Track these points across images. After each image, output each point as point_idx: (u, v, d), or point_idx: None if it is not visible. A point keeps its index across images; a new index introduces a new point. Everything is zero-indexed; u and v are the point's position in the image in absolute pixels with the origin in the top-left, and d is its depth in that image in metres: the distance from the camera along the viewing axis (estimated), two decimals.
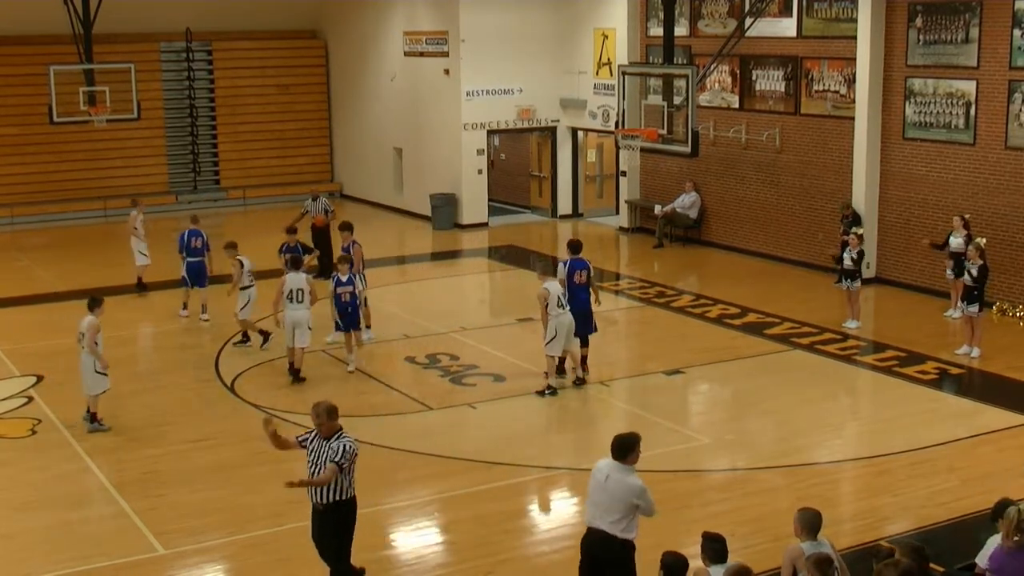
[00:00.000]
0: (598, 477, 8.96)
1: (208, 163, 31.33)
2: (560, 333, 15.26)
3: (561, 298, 15.30)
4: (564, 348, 15.44)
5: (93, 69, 24.28)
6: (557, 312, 15.20)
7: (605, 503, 8.87)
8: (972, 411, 14.94)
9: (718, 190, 24.50)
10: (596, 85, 26.97)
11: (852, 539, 10.88)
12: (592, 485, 9.01)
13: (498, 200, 28.92)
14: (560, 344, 15.34)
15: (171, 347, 18.19)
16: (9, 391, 15.86)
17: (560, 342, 15.32)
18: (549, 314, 15.19)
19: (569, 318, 15.33)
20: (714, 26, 24.07)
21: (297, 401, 15.33)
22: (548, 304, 15.14)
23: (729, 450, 13.64)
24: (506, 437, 13.96)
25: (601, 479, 8.92)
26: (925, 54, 20.02)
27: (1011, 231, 18.93)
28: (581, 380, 15.69)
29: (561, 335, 15.28)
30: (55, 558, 10.91)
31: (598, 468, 9.03)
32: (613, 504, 8.86)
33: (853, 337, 17.84)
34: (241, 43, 31.28)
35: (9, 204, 28.63)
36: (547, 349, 15.42)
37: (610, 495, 8.86)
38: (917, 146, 20.35)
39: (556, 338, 15.26)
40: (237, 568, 10.95)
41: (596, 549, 8.94)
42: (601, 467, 9.01)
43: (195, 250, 19.44)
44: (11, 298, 21.04)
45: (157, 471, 13.05)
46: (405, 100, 29.11)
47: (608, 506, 8.86)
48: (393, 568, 10.81)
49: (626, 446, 9.00)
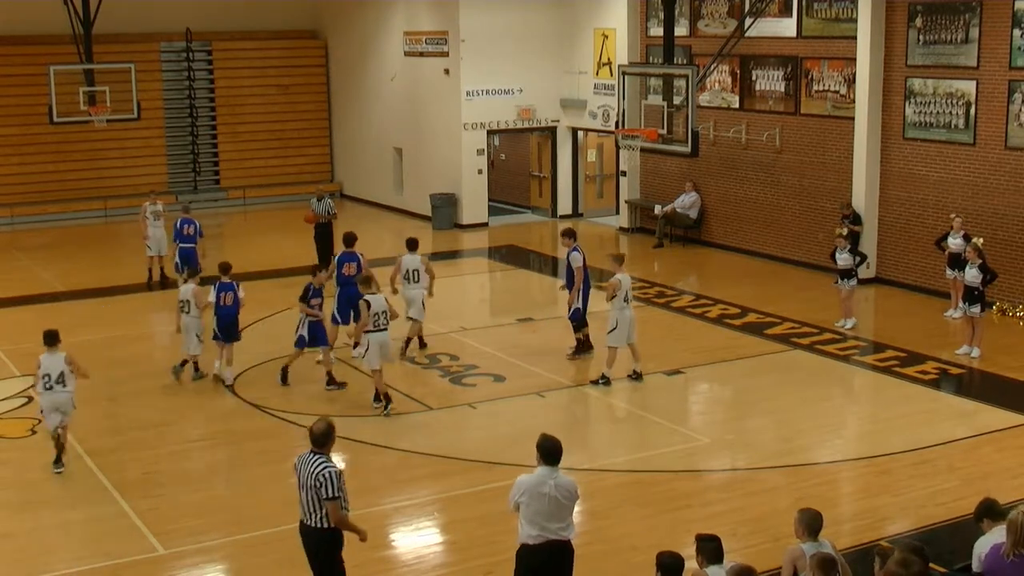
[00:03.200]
0: (542, 490, 8.63)
1: (208, 163, 31.33)
2: (622, 325, 15.38)
3: (628, 292, 15.47)
4: (627, 342, 15.56)
5: (93, 69, 24.30)
6: (622, 305, 15.34)
7: (555, 511, 8.69)
8: (972, 411, 14.95)
9: (718, 190, 24.50)
10: (596, 85, 26.97)
11: (852, 539, 10.88)
12: (535, 501, 8.64)
13: (498, 200, 28.92)
14: (622, 336, 15.46)
15: (171, 347, 18.16)
16: (9, 391, 15.87)
17: (622, 334, 15.43)
18: (614, 305, 15.32)
19: (631, 313, 15.52)
20: (714, 26, 24.07)
21: (299, 401, 15.35)
22: (616, 295, 15.29)
23: (729, 450, 13.64)
24: (506, 437, 13.95)
25: (545, 491, 8.64)
26: (925, 54, 20.02)
27: (1011, 231, 18.93)
28: (637, 375, 15.78)
29: (623, 327, 15.40)
30: (55, 558, 10.91)
31: (537, 483, 8.67)
32: (563, 510, 8.74)
33: (853, 337, 17.84)
34: (241, 43, 31.29)
35: (9, 204, 28.65)
36: (609, 340, 15.56)
37: (558, 503, 8.70)
38: (917, 146, 20.35)
39: (617, 329, 15.40)
40: (237, 568, 10.95)
41: (558, 558, 8.79)
42: (536, 481, 8.69)
43: (187, 237, 20.15)
44: (11, 298, 21.04)
45: (157, 471, 13.05)
46: (405, 100, 29.12)
47: (558, 513, 8.71)
48: (393, 568, 10.81)
49: (559, 450, 8.81)
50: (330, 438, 9.03)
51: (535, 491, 8.67)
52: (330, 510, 8.84)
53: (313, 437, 9.01)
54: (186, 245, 20.18)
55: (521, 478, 8.82)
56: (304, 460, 9.00)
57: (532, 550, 8.74)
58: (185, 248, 20.17)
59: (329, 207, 22.30)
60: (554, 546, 8.74)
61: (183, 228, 20.27)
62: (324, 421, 9.11)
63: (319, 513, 8.90)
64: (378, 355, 14.53)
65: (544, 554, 8.74)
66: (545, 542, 8.71)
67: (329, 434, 9.02)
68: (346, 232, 17.94)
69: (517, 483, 8.80)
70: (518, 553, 8.88)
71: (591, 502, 11.82)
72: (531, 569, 8.81)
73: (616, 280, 15.43)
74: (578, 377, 16.30)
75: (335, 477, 8.79)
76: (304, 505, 8.98)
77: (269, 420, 14.65)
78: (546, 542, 8.71)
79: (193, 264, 19.63)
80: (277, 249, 24.58)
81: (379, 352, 14.51)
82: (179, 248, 20.27)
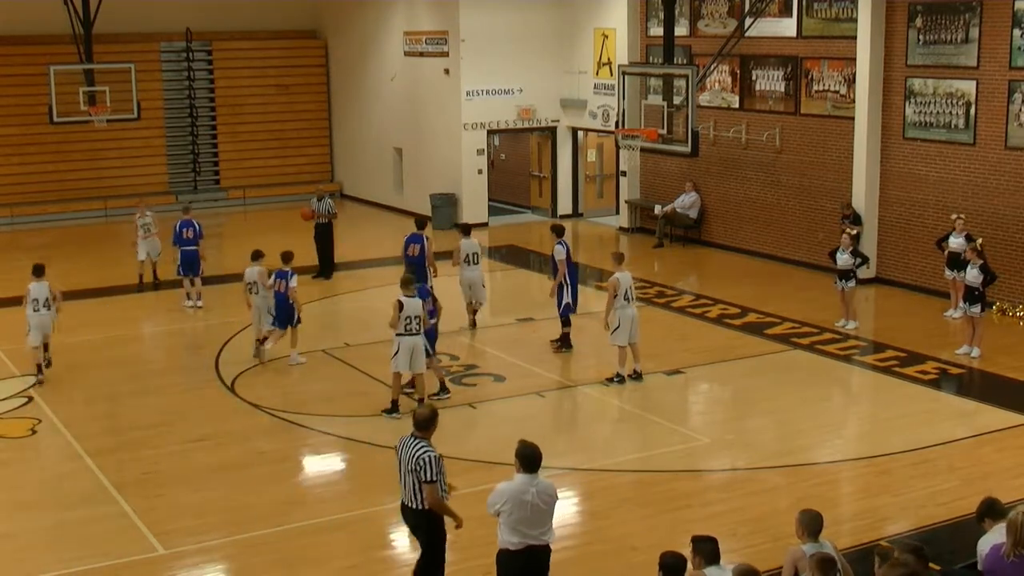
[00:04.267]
0: (524, 498, 8.67)
1: (208, 163, 31.33)
2: (624, 324, 15.43)
3: (629, 290, 15.51)
4: (629, 340, 15.59)
5: (93, 69, 24.29)
6: (623, 303, 15.40)
7: (536, 518, 8.75)
8: (972, 411, 14.95)
9: (718, 190, 24.50)
10: (596, 85, 26.97)
11: (852, 539, 10.87)
12: (518, 509, 8.69)
13: (498, 200, 28.92)
14: (624, 335, 15.49)
15: (172, 347, 18.18)
16: (9, 391, 15.86)
17: (624, 333, 15.47)
18: (615, 305, 15.36)
19: (633, 311, 15.57)
20: (714, 26, 24.07)
21: (299, 401, 15.35)
22: (616, 294, 15.34)
23: (729, 450, 13.64)
24: (506, 437, 13.91)
25: (527, 498, 8.68)
26: (925, 54, 20.02)
27: (1011, 231, 18.93)
28: (637, 374, 15.80)
29: (625, 326, 15.44)
30: (55, 558, 10.90)
31: (519, 491, 8.69)
32: (544, 516, 8.81)
33: (853, 337, 17.84)
34: (241, 43, 31.29)
35: (9, 204, 28.64)
36: (612, 339, 15.60)
37: (539, 510, 8.75)
38: (917, 146, 20.35)
39: (620, 328, 15.45)
40: (237, 568, 10.94)
41: (537, 565, 8.88)
42: (518, 489, 8.71)
43: (187, 240, 19.81)
44: (11, 298, 20.99)
45: (157, 471, 13.05)
46: (405, 100, 29.12)
47: (539, 520, 8.78)
48: (393, 568, 10.81)
49: (539, 457, 8.82)
50: (433, 422, 9.33)
51: (518, 499, 8.71)
52: (426, 493, 9.13)
53: (416, 421, 9.34)
54: (187, 248, 19.79)
55: (502, 485, 8.87)
56: (405, 444, 9.30)
57: (513, 555, 8.84)
58: (187, 251, 19.80)
59: (329, 207, 22.30)
60: (534, 551, 8.84)
61: (183, 232, 19.87)
62: (428, 406, 9.63)
63: (420, 496, 9.19)
64: (407, 360, 14.31)
65: (525, 559, 8.84)
66: (526, 547, 8.81)
67: (432, 419, 9.33)
68: (417, 217, 19.98)
69: (499, 490, 8.83)
70: (498, 557, 8.97)
71: (591, 502, 11.82)
72: (512, 574, 8.90)
73: (615, 279, 15.46)
74: (578, 377, 16.30)
75: (434, 461, 9.12)
76: (405, 487, 9.29)
77: (269, 420, 14.65)
78: (527, 547, 8.81)
79: (195, 269, 19.60)
80: (277, 249, 24.49)
81: (408, 357, 14.30)
82: (180, 252, 19.87)
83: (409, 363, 14.35)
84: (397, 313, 14.18)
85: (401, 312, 14.17)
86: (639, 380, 15.79)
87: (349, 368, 16.62)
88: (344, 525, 11.61)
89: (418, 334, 14.32)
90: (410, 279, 14.70)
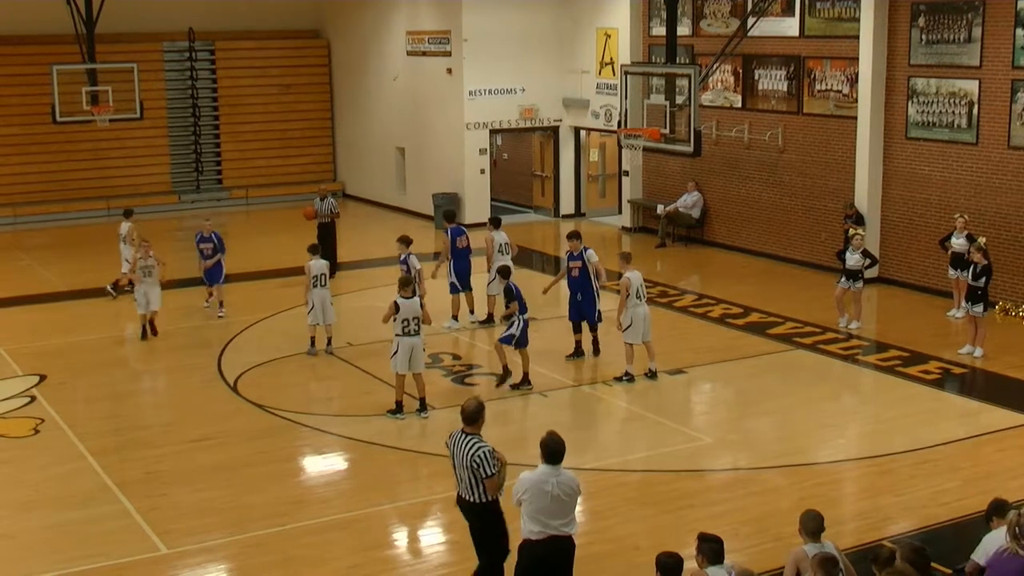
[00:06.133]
0: (544, 488, 8.77)
1: (211, 163, 31.34)
2: (636, 322, 15.53)
3: (640, 288, 15.60)
4: (642, 338, 15.67)
5: (96, 69, 24.29)
6: (635, 302, 15.51)
7: (557, 508, 8.82)
8: (975, 411, 14.93)
9: (720, 190, 24.49)
10: (599, 85, 26.97)
11: (854, 539, 10.86)
12: (538, 499, 8.78)
13: (500, 200, 28.91)
14: (637, 333, 15.59)
15: (174, 347, 18.17)
16: (12, 390, 15.87)
17: (637, 331, 15.56)
18: (627, 304, 15.46)
19: (645, 309, 15.69)
20: (717, 25, 24.07)
21: (299, 401, 15.35)
22: (628, 293, 15.44)
23: (732, 450, 13.63)
24: (507, 437, 13.95)
25: (548, 488, 8.77)
26: (928, 54, 20.00)
27: (1014, 231, 18.92)
28: (652, 373, 15.84)
29: (637, 324, 15.54)
30: (57, 558, 10.91)
31: (540, 481, 8.79)
32: (565, 507, 8.88)
33: (856, 337, 17.83)
34: (244, 43, 31.30)
35: (12, 204, 28.66)
36: (625, 337, 15.70)
37: (560, 501, 8.82)
38: (920, 146, 20.34)
39: (632, 326, 15.54)
40: (239, 568, 10.94)
41: (560, 556, 8.94)
42: (539, 479, 8.82)
43: (208, 255, 19.44)
44: (14, 297, 21.06)
45: (159, 471, 13.05)
46: (408, 100, 29.12)
47: (560, 510, 8.85)
48: (393, 568, 10.81)
49: (562, 450, 8.92)
50: (480, 415, 9.44)
51: (538, 488, 8.81)
52: (488, 487, 9.27)
53: (465, 415, 9.42)
54: (208, 261, 19.34)
55: (524, 475, 8.95)
56: (456, 440, 9.40)
57: (534, 544, 8.88)
58: (210, 271, 19.35)
59: (332, 206, 22.32)
60: (556, 541, 8.88)
61: (203, 249, 19.43)
62: (475, 399, 9.61)
63: (479, 490, 9.31)
64: (406, 360, 14.33)
65: (546, 548, 8.87)
66: (547, 537, 8.86)
67: (480, 411, 9.44)
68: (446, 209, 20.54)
69: (521, 479, 8.94)
70: (520, 548, 9.01)
71: (594, 502, 11.82)
72: (533, 563, 8.93)
73: (626, 279, 15.58)
74: (579, 377, 16.30)
75: (489, 456, 9.24)
76: (461, 482, 9.39)
77: (270, 419, 14.65)
78: (548, 537, 8.86)
79: (217, 278, 19.36)
80: (279, 248, 24.57)
81: (407, 357, 14.32)
82: (203, 268, 19.44)
83: (408, 363, 14.37)
84: (393, 312, 14.25)
85: (398, 313, 14.22)
86: (653, 379, 15.79)
87: (352, 368, 16.62)
88: (346, 525, 11.61)
89: (417, 335, 14.34)
90: (408, 280, 14.72)
